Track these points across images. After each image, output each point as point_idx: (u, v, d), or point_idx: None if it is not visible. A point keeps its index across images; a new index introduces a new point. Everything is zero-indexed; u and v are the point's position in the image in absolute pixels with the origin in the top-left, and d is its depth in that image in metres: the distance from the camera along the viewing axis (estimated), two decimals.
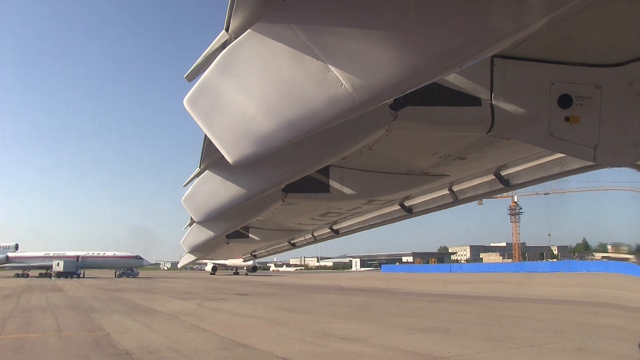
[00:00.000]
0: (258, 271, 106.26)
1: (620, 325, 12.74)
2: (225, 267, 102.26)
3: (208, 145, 3.53)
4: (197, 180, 4.35)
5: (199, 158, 3.99)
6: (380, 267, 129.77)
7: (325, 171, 3.97)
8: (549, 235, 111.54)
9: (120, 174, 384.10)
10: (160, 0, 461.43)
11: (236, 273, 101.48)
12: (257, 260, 64.69)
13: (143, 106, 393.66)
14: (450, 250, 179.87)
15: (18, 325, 17.36)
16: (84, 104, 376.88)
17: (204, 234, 5.85)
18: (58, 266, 78.54)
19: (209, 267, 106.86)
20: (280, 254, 10.52)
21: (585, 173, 3.61)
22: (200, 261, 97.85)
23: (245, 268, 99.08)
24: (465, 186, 4.63)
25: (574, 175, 3.72)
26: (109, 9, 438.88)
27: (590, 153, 2.56)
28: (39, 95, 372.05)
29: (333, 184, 4.07)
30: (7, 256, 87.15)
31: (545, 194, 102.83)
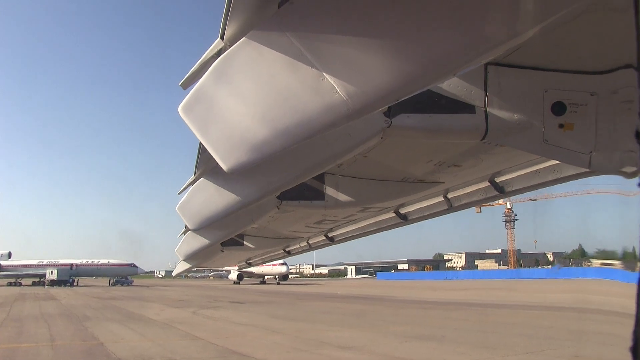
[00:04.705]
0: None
1: (612, 332, 12.74)
2: (251, 274, 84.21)
3: (203, 153, 3.53)
4: (191, 187, 4.34)
5: (193, 165, 3.99)
6: (376, 274, 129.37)
7: (320, 179, 3.97)
8: (535, 242, 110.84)
9: (115, 181, 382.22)
10: (155, 7, 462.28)
11: (263, 282, 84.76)
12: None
13: (138, 113, 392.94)
14: (445, 258, 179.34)
15: (10, 334, 17.14)
16: (79, 109, 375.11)
17: (198, 241, 5.83)
18: (51, 274, 77.66)
19: (233, 275, 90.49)
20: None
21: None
22: (223, 269, 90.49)
23: (276, 276, 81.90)
24: (460, 193, 4.63)
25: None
26: (105, 15, 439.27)
27: (584, 159, 2.57)
28: (33, 100, 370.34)
29: (328, 191, 4.07)
30: (0, 264, 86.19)
31: (533, 200, 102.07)
